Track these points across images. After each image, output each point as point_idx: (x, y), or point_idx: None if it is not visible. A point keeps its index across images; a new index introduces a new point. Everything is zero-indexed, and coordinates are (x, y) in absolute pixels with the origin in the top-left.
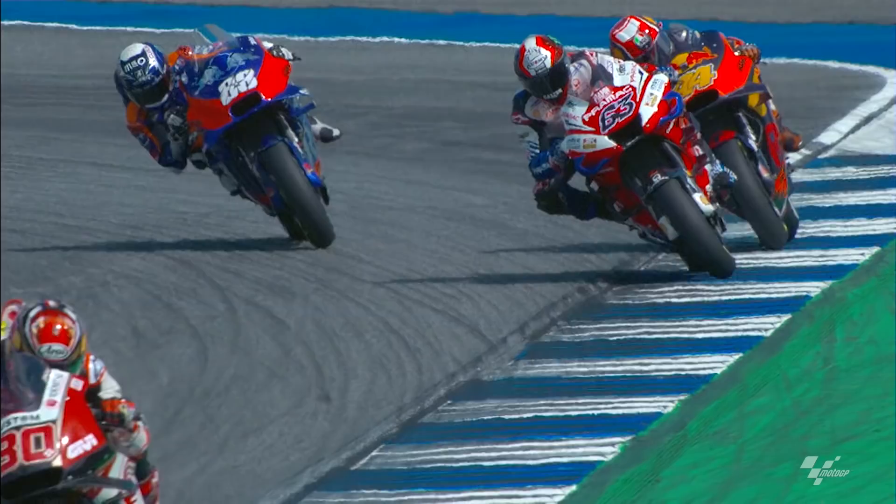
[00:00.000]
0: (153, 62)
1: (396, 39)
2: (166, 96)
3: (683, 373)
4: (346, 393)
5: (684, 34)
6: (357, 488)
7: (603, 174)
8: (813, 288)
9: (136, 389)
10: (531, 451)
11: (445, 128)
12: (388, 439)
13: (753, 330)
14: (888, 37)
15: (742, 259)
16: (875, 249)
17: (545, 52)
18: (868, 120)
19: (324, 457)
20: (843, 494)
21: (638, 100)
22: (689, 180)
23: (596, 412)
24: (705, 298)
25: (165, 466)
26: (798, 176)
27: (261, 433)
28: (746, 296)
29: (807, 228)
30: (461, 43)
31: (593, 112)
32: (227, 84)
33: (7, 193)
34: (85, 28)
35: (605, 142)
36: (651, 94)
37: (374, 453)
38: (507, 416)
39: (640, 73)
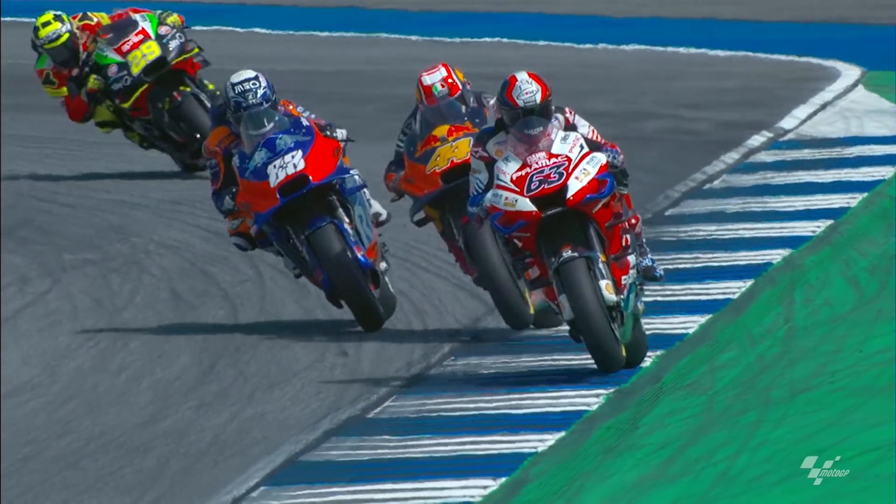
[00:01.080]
0: (265, 88)
1: (406, 36)
2: (271, 125)
3: (661, 331)
4: (362, 349)
5: (492, 101)
6: (371, 434)
7: (521, 239)
8: (775, 256)
9: (174, 345)
10: (525, 401)
11: None
12: (398, 391)
13: (722, 293)
14: (842, 34)
15: (712, 229)
16: (829, 222)
17: (537, 87)
18: (823, 107)
19: (341, 406)
20: (799, 440)
21: (569, 171)
22: (600, 265)
23: (582, 366)
24: (680, 265)
25: (202, 414)
26: (761, 157)
27: (285, 385)
28: (716, 263)
29: (769, 203)
30: (462, 39)
31: (523, 172)
32: (275, 166)
33: (61, 171)
34: None
35: (526, 204)
36: (584, 170)
37: (386, 403)
38: (504, 371)
39: (581, 146)
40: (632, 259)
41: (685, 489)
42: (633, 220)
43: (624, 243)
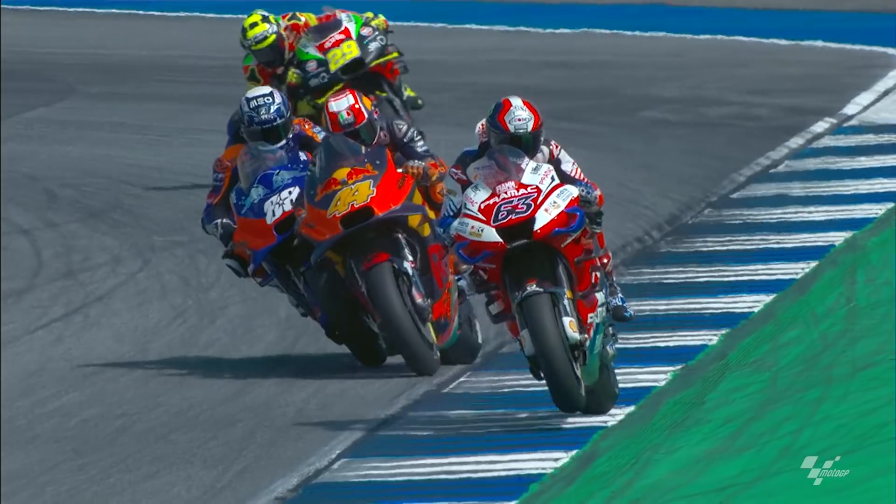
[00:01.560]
0: (279, 104)
1: (481, 26)
2: (283, 142)
3: (726, 310)
4: None
5: (404, 128)
6: (447, 409)
7: (486, 270)
8: (837, 237)
9: (259, 323)
10: None
11: None
12: (473, 367)
13: (786, 273)
14: None
15: (776, 212)
16: (890, 204)
17: (530, 115)
18: (885, 94)
19: (418, 382)
20: (860, 415)
21: (538, 203)
22: (565, 301)
23: (651, 344)
24: (746, 246)
25: (286, 389)
26: (824, 142)
27: None
28: (780, 245)
29: (831, 186)
30: (535, 29)
31: (491, 202)
32: (272, 202)
33: (150, 156)
34: (215, 15)
35: (492, 234)
36: (554, 202)
37: (461, 378)
38: None
39: (553, 178)
40: (600, 297)
41: (750, 462)
42: (605, 259)
43: (593, 281)
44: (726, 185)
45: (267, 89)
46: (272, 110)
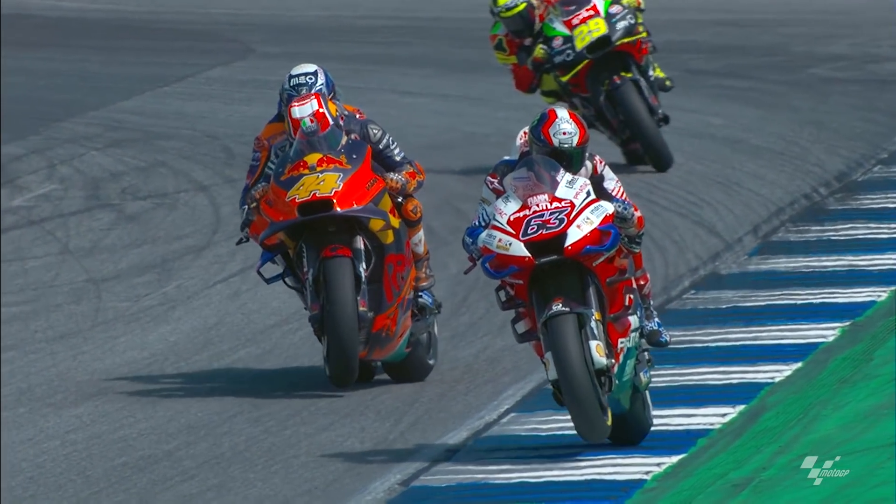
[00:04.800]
0: (321, 84)
1: None
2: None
3: (895, 267)
4: None
5: (378, 134)
6: None
7: (513, 286)
8: None
9: None
10: (763, 334)
11: (690, 59)
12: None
13: None
14: None
15: None
16: None
17: (576, 129)
18: None
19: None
20: None
21: (571, 218)
22: (592, 323)
23: (819, 301)
24: None
25: (456, 343)
26: None
27: None
28: None
29: None
30: None
31: (521, 214)
32: None
33: None
34: None
35: (520, 249)
36: (587, 218)
37: None
38: (742, 304)
39: (588, 193)
40: (633, 321)
41: None
42: (643, 281)
43: (626, 303)
44: None
45: (312, 67)
46: (313, 91)
